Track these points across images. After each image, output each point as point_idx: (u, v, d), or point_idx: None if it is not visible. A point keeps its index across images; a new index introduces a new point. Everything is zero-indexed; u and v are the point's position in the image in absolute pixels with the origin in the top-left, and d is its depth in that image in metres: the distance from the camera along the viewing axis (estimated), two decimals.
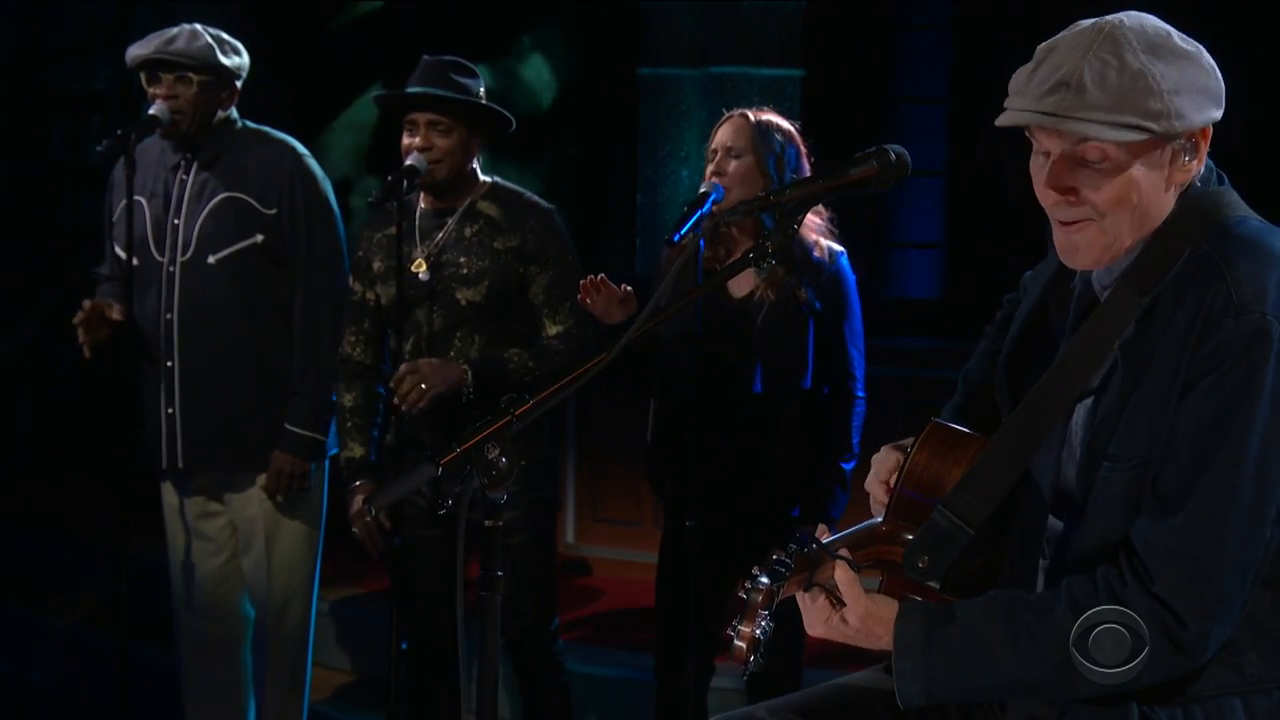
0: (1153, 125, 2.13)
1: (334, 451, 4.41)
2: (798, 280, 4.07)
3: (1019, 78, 2.21)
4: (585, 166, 8.93)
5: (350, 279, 4.35)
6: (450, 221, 4.17)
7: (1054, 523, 2.27)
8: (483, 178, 4.22)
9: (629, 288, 4.04)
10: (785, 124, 4.17)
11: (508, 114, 4.20)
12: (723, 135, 4.12)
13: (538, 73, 9.05)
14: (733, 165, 4.05)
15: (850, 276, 4.19)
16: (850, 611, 2.22)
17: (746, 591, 2.14)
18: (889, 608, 2.22)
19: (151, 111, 4.25)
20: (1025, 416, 2.22)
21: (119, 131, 4.20)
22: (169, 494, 4.52)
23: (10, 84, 9.88)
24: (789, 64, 7.89)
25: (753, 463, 4.12)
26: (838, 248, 4.16)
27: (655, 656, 4.29)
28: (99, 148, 4.19)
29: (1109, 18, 2.19)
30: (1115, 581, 2.12)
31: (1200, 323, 2.10)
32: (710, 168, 4.08)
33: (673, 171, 7.73)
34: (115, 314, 4.29)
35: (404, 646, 4.30)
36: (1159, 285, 2.16)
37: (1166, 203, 2.21)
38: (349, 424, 4.29)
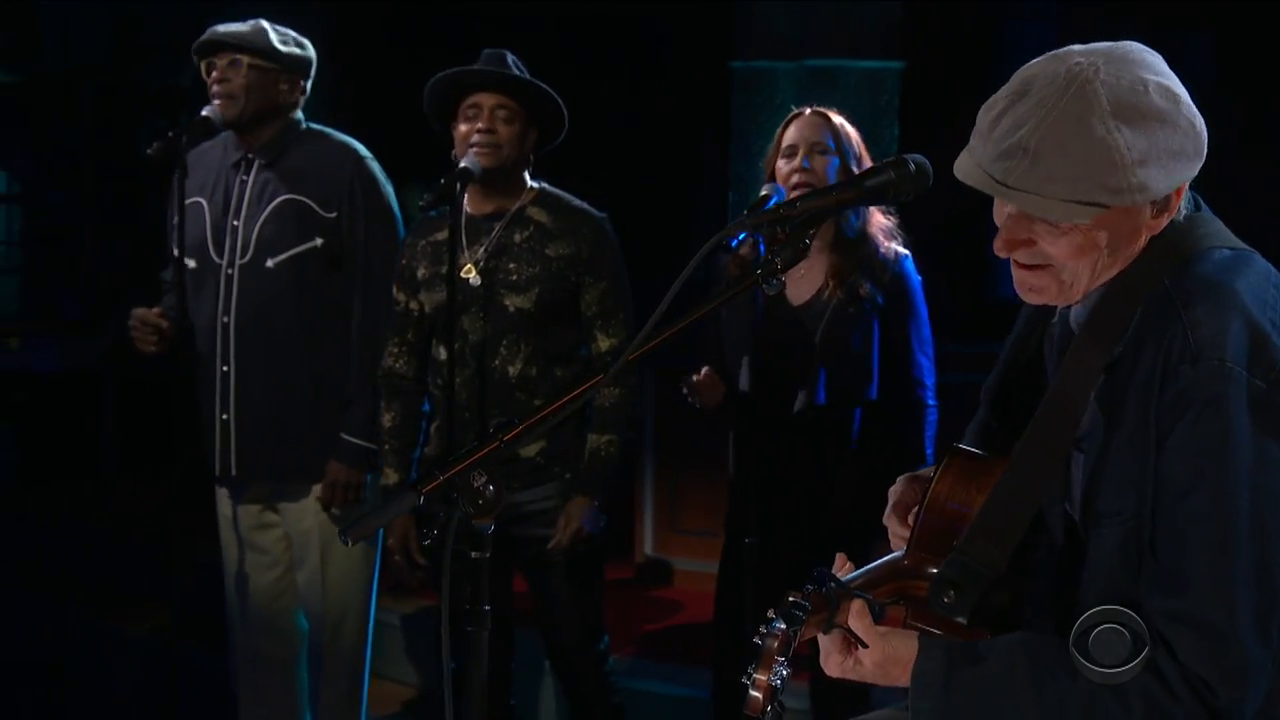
0: (1110, 201, 2.04)
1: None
2: (861, 276, 4.01)
3: (986, 115, 2.12)
4: (676, 163, 8.89)
5: (394, 288, 4.34)
6: (499, 226, 4.14)
7: (1065, 569, 2.21)
8: (530, 183, 4.19)
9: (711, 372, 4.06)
10: (851, 128, 4.11)
11: (563, 109, 4.16)
12: (803, 131, 4.05)
13: None
14: (818, 161, 3.99)
15: (915, 279, 4.11)
16: (867, 654, 2.16)
17: (761, 637, 2.08)
18: (908, 648, 2.16)
19: (204, 113, 4.26)
20: (1028, 451, 2.15)
21: (170, 134, 4.22)
22: (223, 504, 4.54)
23: (98, 83, 10.05)
24: (888, 56, 7.79)
25: (817, 478, 4.05)
26: (903, 250, 4.09)
27: (711, 678, 4.25)
28: (149, 150, 4.21)
29: (1086, 61, 2.07)
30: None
31: (1160, 370, 2.04)
32: (787, 165, 4.01)
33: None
34: (163, 322, 4.32)
35: (453, 667, 4.28)
36: (1124, 333, 2.08)
37: (1137, 247, 2.13)
38: (387, 446, 4.27)
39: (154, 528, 7.39)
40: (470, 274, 4.13)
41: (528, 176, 4.20)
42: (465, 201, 4.18)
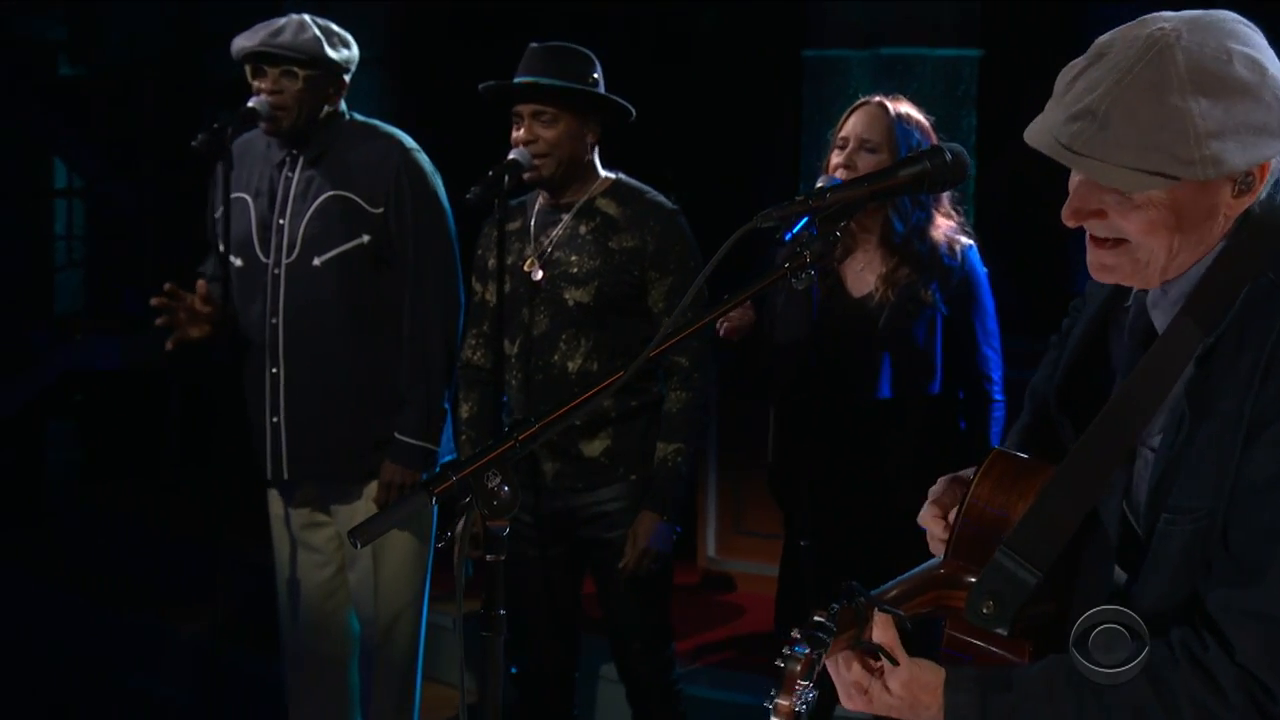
0: (1180, 173, 1.97)
1: (447, 459, 4.40)
2: (924, 282, 3.95)
3: (1064, 76, 2.07)
4: (747, 155, 8.86)
5: (472, 279, 4.34)
6: (566, 218, 4.14)
7: (1118, 573, 2.15)
8: (604, 173, 4.17)
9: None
10: (921, 117, 4.03)
11: (622, 101, 4.14)
12: (857, 125, 4.00)
13: None
14: (864, 159, 3.93)
15: (981, 270, 4.05)
16: (893, 677, 2.11)
17: (784, 659, 2.03)
18: (935, 673, 2.11)
19: (250, 105, 4.27)
20: (1086, 452, 2.09)
21: (214, 125, 4.23)
22: (274, 503, 4.55)
23: (160, 76, 10.15)
24: (966, 44, 7.72)
25: (878, 476, 4.00)
26: (966, 241, 4.03)
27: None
28: (194, 142, 4.23)
29: (1171, 25, 2.01)
30: (1195, 646, 1.99)
31: (1264, 363, 1.96)
32: (837, 158, 3.97)
33: None
34: (202, 305, 4.29)
35: (513, 671, 4.29)
36: (1222, 322, 2.02)
37: (1217, 229, 2.05)
38: (464, 436, 4.28)
39: (210, 527, 7.45)
40: (532, 267, 4.13)
41: (599, 167, 4.18)
42: (539, 193, 4.19)
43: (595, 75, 4.11)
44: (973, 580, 2.13)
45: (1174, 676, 1.98)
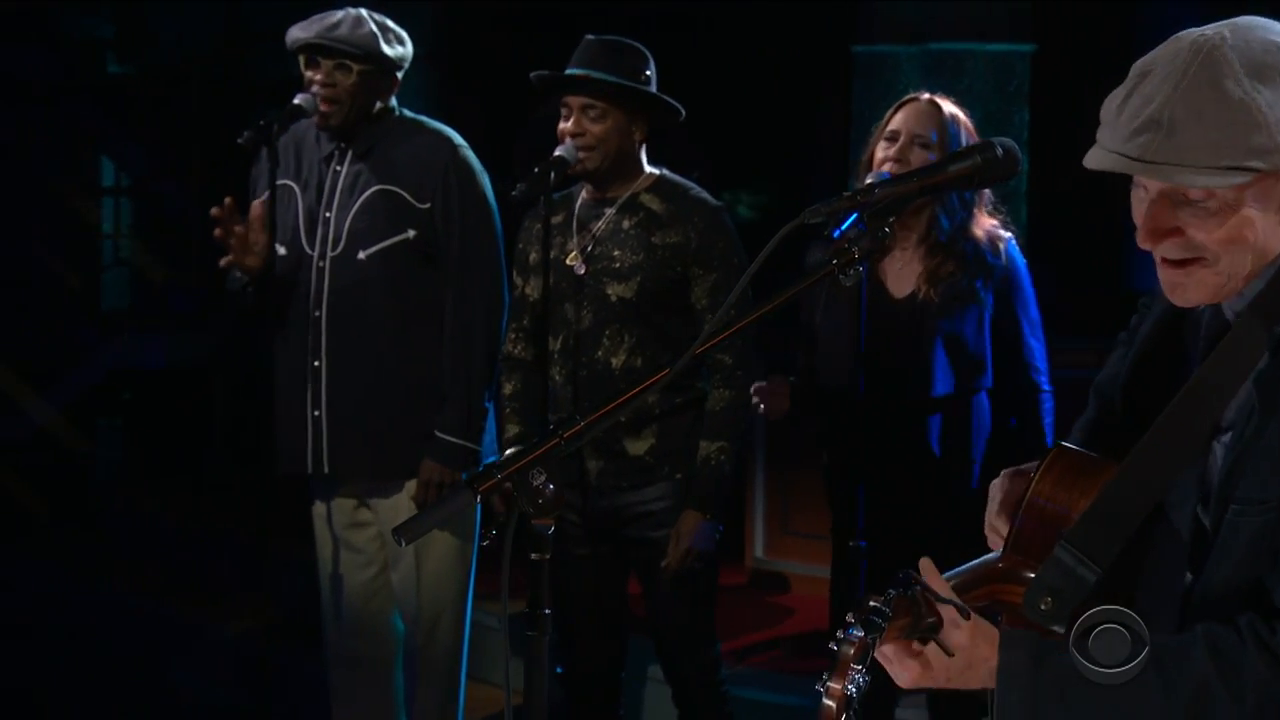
0: (1259, 164, 1.94)
1: (490, 460, 4.40)
2: (968, 279, 3.95)
3: (1109, 105, 2.04)
4: (794, 150, 8.84)
5: (513, 273, 4.35)
6: (609, 212, 4.14)
7: (1192, 567, 2.13)
8: (649, 169, 4.18)
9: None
10: (966, 118, 4.03)
11: (672, 101, 4.14)
12: (909, 120, 3.98)
13: None
14: (917, 155, 3.92)
15: (1021, 262, 4.04)
16: (956, 632, 2.09)
17: (837, 643, 2.03)
18: (989, 644, 2.09)
19: (296, 101, 4.28)
20: (1154, 445, 2.07)
21: (260, 121, 4.25)
22: (316, 501, 4.56)
23: (208, 74, 10.20)
24: (1018, 38, 7.68)
25: (933, 474, 3.99)
26: (1005, 234, 4.02)
27: None
28: (240, 139, 4.25)
29: (1211, 31, 2.00)
30: (1263, 631, 1.97)
31: None
32: (885, 152, 3.95)
33: None
34: (256, 234, 4.28)
35: (559, 671, 4.29)
36: None
37: None
38: (508, 409, 4.30)
39: (256, 526, 7.49)
40: (575, 261, 4.14)
41: (645, 162, 4.18)
42: (582, 187, 4.19)
43: (648, 73, 4.11)
44: (1031, 575, 2.12)
45: (1241, 658, 1.96)
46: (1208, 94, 1.96)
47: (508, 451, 4.18)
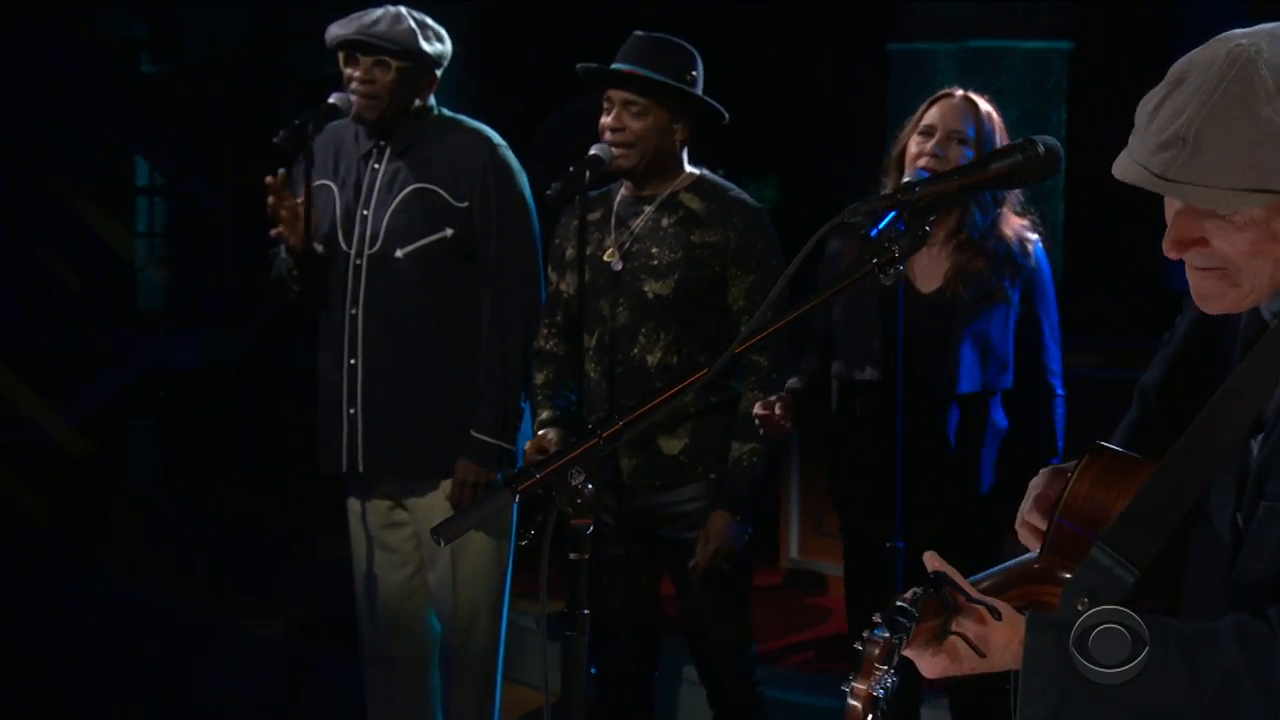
0: None
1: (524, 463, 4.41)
2: (997, 277, 3.94)
3: (1144, 109, 2.03)
4: (829, 149, 8.83)
5: (549, 268, 4.36)
6: (648, 210, 4.14)
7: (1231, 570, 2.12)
8: (689, 169, 4.18)
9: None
10: (998, 115, 4.03)
11: (714, 103, 4.14)
12: (945, 116, 3.97)
13: None
14: (955, 151, 3.91)
15: (1047, 265, 4.04)
16: (986, 625, 2.09)
17: (862, 643, 2.03)
18: (1015, 629, 2.09)
19: (331, 100, 4.30)
20: (1191, 445, 2.07)
21: (296, 121, 4.26)
22: (352, 500, 4.57)
23: (240, 73, 10.24)
24: (1056, 35, 7.67)
25: (948, 473, 3.99)
26: (1033, 236, 4.01)
27: None
28: (276, 139, 4.26)
29: (1248, 42, 1.98)
30: None
31: None
32: (922, 147, 3.93)
33: None
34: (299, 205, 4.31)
35: (592, 671, 4.29)
36: None
37: None
38: (540, 396, 4.30)
39: (290, 525, 7.52)
40: (612, 257, 4.14)
41: (686, 162, 4.19)
42: (621, 184, 4.20)
43: (694, 73, 4.12)
44: (1068, 576, 2.11)
45: (1271, 649, 1.95)
46: (1236, 113, 1.94)
47: (540, 432, 4.22)
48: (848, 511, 4.19)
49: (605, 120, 4.08)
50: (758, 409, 3.87)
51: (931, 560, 2.12)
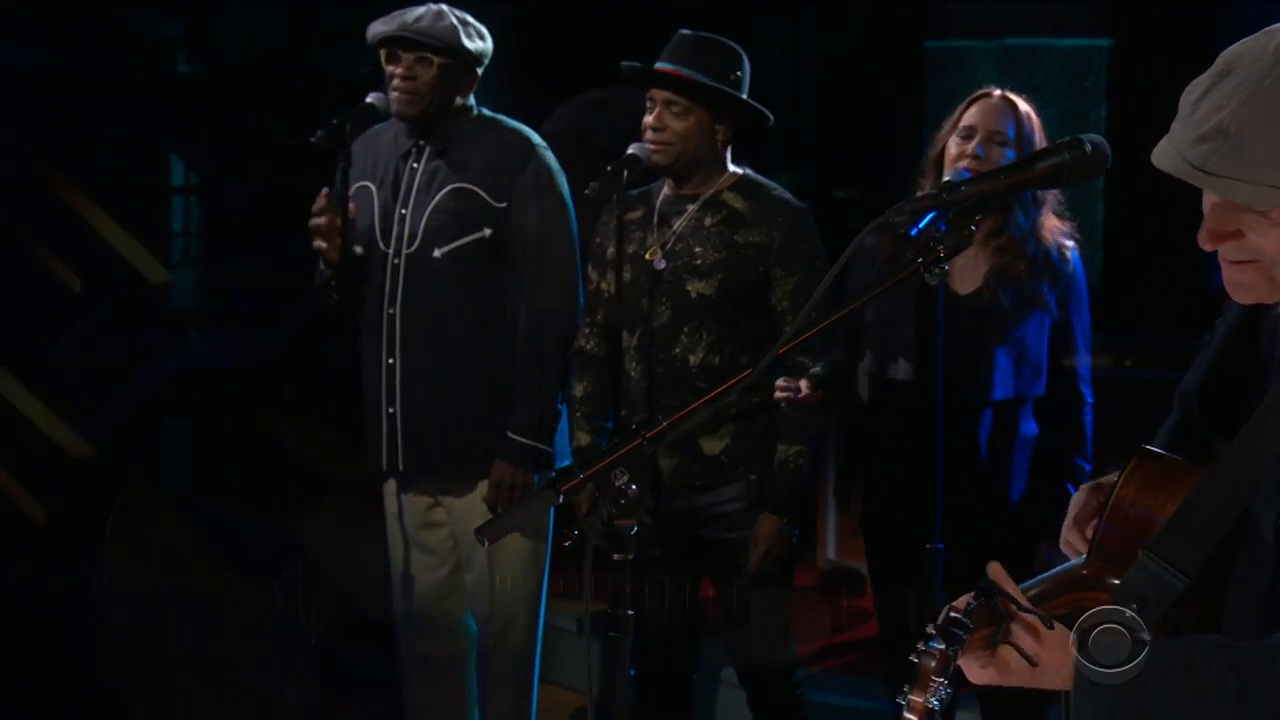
0: None
1: (562, 464, 4.42)
2: (1035, 281, 3.93)
3: (1188, 97, 2.02)
4: (865, 148, 8.82)
5: (589, 268, 4.37)
6: (691, 209, 4.15)
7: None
8: (731, 168, 4.19)
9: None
10: (1036, 115, 4.02)
11: (758, 106, 4.14)
12: (984, 116, 3.96)
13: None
14: (995, 152, 3.91)
15: (1082, 271, 4.03)
16: (1038, 640, 2.09)
17: (918, 655, 2.02)
18: (1064, 649, 2.08)
19: (369, 100, 4.32)
20: (1237, 453, 2.06)
21: (334, 121, 4.28)
22: (389, 500, 4.59)
23: (276, 69, 10.27)
24: (1095, 33, 7.64)
25: (984, 479, 3.98)
26: (1070, 242, 4.01)
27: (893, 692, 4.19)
28: (313, 138, 4.28)
29: None
30: None
31: None
32: (962, 148, 3.93)
33: None
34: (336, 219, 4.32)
35: (631, 673, 4.29)
36: None
37: None
38: (578, 413, 4.31)
39: (327, 525, 7.53)
40: (655, 257, 4.15)
41: (728, 162, 4.19)
42: (664, 183, 4.21)
43: (738, 73, 4.12)
44: (1115, 582, 2.10)
45: None
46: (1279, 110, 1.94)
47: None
48: (876, 509, 4.18)
49: (647, 119, 4.09)
50: (780, 383, 3.86)
51: (995, 572, 2.11)
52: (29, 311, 8.98)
